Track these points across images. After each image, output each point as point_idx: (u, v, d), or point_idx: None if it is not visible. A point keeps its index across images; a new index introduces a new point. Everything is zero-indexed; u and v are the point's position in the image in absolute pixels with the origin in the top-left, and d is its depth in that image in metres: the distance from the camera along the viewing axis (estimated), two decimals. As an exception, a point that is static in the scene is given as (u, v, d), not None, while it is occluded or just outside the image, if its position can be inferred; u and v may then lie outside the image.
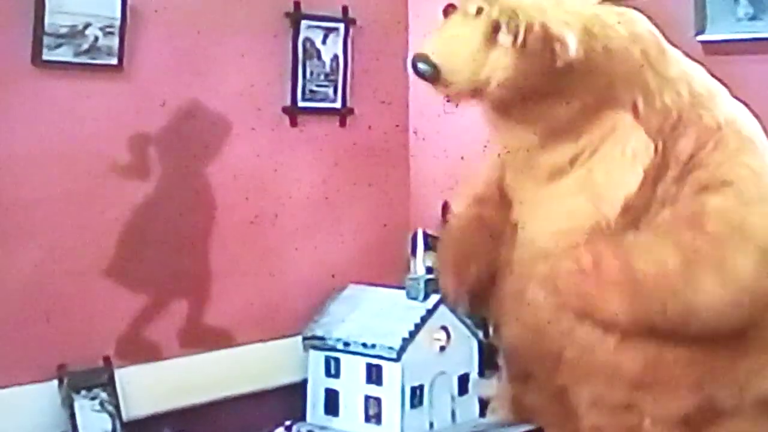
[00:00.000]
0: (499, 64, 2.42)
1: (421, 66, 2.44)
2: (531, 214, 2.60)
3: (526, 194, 2.61)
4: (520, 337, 2.64)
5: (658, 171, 2.50)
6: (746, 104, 2.68)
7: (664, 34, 2.65)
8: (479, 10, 2.46)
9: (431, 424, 2.65)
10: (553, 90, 2.46)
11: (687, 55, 2.67)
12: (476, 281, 2.69)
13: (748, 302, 2.42)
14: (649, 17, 2.62)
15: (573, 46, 2.39)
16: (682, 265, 2.44)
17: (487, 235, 2.72)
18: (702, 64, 2.68)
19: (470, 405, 2.73)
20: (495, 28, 2.41)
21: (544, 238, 2.55)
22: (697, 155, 2.51)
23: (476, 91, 2.47)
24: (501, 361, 2.82)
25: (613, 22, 2.50)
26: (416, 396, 2.61)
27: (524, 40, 2.37)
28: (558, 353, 2.56)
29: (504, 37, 2.40)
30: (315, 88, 2.91)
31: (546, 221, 2.56)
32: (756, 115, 2.67)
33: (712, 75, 2.68)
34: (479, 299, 2.76)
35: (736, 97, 2.68)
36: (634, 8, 2.62)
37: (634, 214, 2.50)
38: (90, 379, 2.47)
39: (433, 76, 2.44)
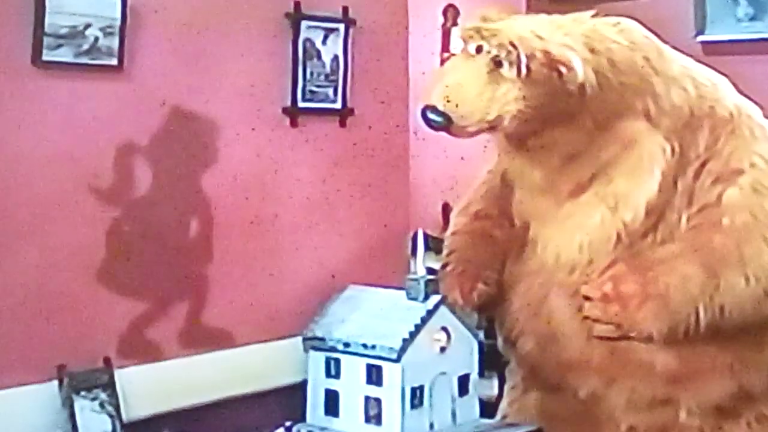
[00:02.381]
0: (509, 98, 2.41)
1: (432, 117, 2.43)
2: (553, 230, 2.59)
3: (545, 212, 2.61)
4: (544, 348, 2.64)
5: (678, 169, 2.52)
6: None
7: (664, 35, 2.65)
8: (479, 48, 2.44)
9: (431, 425, 2.64)
10: (566, 113, 2.46)
11: (686, 55, 2.67)
12: (484, 299, 2.69)
13: None
14: (649, 18, 2.62)
15: (579, 67, 2.39)
16: (706, 270, 2.46)
17: (491, 253, 2.72)
18: (702, 64, 2.69)
19: (471, 405, 2.73)
20: (497, 64, 2.40)
21: (569, 251, 2.56)
22: (712, 147, 2.52)
23: (492, 128, 2.47)
24: (512, 372, 2.82)
25: (611, 34, 2.50)
26: (416, 397, 2.61)
27: (528, 69, 2.36)
28: (586, 360, 2.57)
29: (508, 71, 2.38)
30: (315, 89, 2.91)
31: (570, 235, 2.56)
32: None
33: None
34: (487, 312, 2.77)
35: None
36: (632, 15, 2.63)
37: (658, 214, 2.51)
38: (90, 379, 2.46)
39: (446, 125, 2.43)
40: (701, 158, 2.54)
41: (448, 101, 2.43)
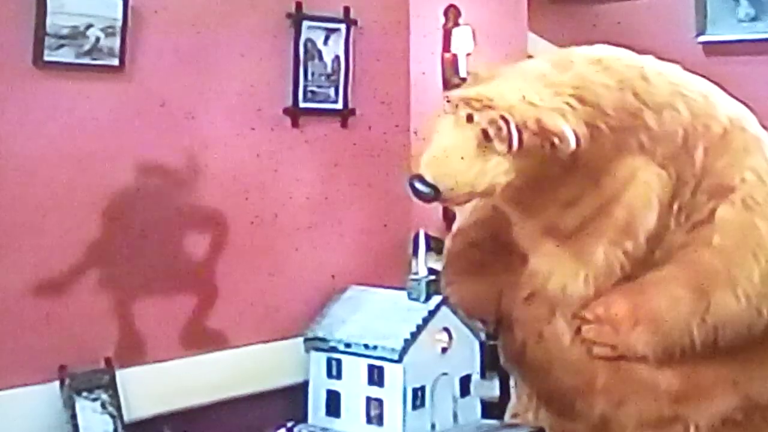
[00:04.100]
0: (499, 171, 2.38)
1: (420, 188, 2.39)
2: (555, 263, 2.58)
3: (545, 249, 2.60)
4: (547, 374, 2.65)
5: (675, 191, 2.51)
6: (746, 104, 2.69)
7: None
8: (470, 117, 2.39)
9: (433, 426, 2.64)
10: (558, 176, 2.43)
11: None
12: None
13: (766, 309, 2.45)
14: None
15: (572, 138, 2.35)
16: (696, 292, 2.46)
17: (486, 292, 2.73)
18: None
19: (472, 406, 2.73)
20: (487, 137, 2.36)
21: (574, 285, 2.55)
22: (707, 165, 2.52)
23: (477, 196, 2.45)
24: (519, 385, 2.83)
25: (598, 77, 2.46)
26: (418, 397, 2.61)
27: (520, 142, 2.32)
28: (591, 383, 2.58)
29: (499, 146, 2.34)
30: (316, 89, 2.91)
31: (573, 269, 2.55)
32: (756, 116, 2.68)
33: (713, 76, 2.68)
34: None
35: (736, 98, 2.69)
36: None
37: (656, 238, 2.51)
38: (91, 380, 2.46)
39: (434, 196, 2.39)
40: (697, 177, 2.53)
41: (436, 171, 2.39)
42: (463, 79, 3.89)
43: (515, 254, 2.67)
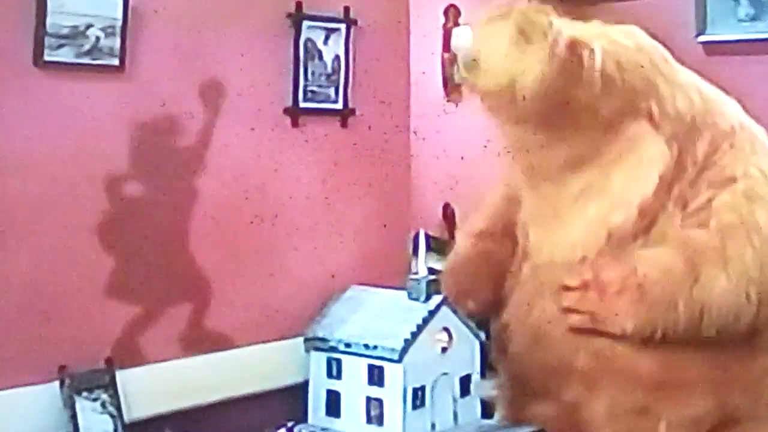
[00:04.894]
0: (533, 60, 2.42)
1: (463, 60, 2.43)
2: (549, 231, 2.60)
3: (545, 217, 2.61)
4: (530, 351, 2.65)
5: (675, 175, 2.52)
6: (746, 104, 2.69)
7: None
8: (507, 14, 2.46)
9: (433, 426, 2.64)
10: (577, 107, 2.46)
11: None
12: (471, 315, 2.71)
13: (755, 295, 2.43)
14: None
15: (599, 56, 2.40)
16: (687, 264, 2.44)
17: (489, 270, 2.74)
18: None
19: (472, 406, 2.73)
20: (523, 34, 2.43)
21: (561, 251, 2.56)
22: (711, 156, 2.52)
23: (509, 91, 2.46)
24: (499, 391, 2.83)
25: (619, 37, 2.52)
26: (418, 397, 2.60)
27: (555, 41, 2.38)
28: (569, 364, 2.57)
29: (538, 36, 2.39)
30: (316, 89, 2.91)
31: (563, 235, 2.57)
32: (756, 117, 2.68)
33: (713, 76, 2.69)
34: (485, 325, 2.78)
35: (736, 98, 2.69)
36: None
37: (650, 218, 2.51)
38: (91, 380, 2.46)
39: (471, 65, 2.44)
40: (698, 167, 2.54)
41: (479, 46, 2.46)
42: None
43: (522, 246, 2.70)
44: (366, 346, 2.63)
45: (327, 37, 2.92)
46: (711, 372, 2.49)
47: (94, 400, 2.45)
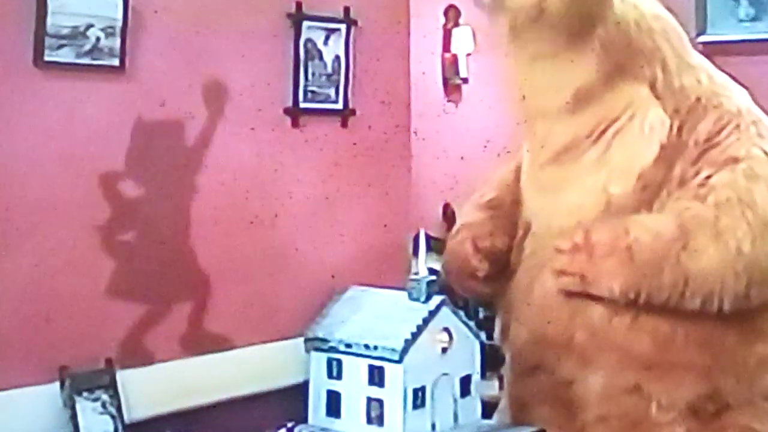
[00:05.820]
0: None
1: None
2: (545, 198, 2.61)
3: (539, 178, 2.62)
4: (529, 327, 2.65)
5: (675, 151, 2.52)
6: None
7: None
8: None
9: (433, 426, 2.64)
10: (591, 41, 2.49)
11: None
12: (495, 252, 2.70)
13: (745, 273, 2.41)
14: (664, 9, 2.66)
15: None
16: (679, 230, 2.44)
17: (503, 226, 2.74)
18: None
19: (472, 406, 2.72)
20: None
21: (559, 217, 2.56)
22: (715, 138, 2.53)
23: (537, 7, 2.46)
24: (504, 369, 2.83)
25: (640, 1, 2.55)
26: (418, 398, 2.60)
27: None
28: (568, 338, 2.57)
29: None
30: (316, 89, 2.91)
31: (562, 202, 2.57)
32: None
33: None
34: (491, 283, 2.76)
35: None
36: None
37: (651, 191, 2.51)
38: (92, 380, 2.46)
39: None
40: (701, 146, 2.54)
41: None
42: (464, 80, 3.92)
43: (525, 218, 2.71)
44: (366, 347, 2.63)
45: (327, 37, 2.92)
46: (705, 356, 2.49)
47: (95, 400, 2.45)
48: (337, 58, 2.94)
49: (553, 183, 2.61)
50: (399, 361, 2.57)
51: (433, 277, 2.70)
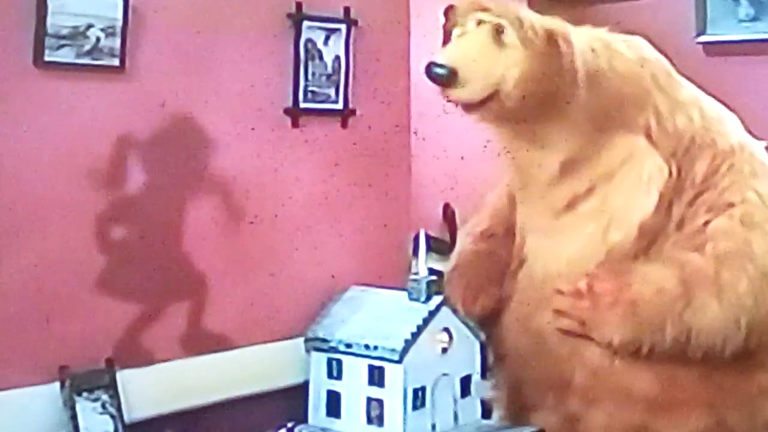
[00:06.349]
0: (511, 61, 2.44)
1: (437, 70, 2.45)
2: (544, 243, 2.60)
3: (540, 225, 2.62)
4: (527, 365, 2.64)
5: (674, 194, 2.51)
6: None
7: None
8: (479, 22, 2.47)
9: (433, 426, 2.64)
10: (565, 107, 2.46)
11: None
12: (486, 311, 2.70)
13: (746, 324, 2.43)
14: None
15: (578, 46, 2.39)
16: (681, 286, 2.44)
17: (494, 269, 2.74)
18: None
19: (472, 407, 2.73)
20: (499, 32, 2.44)
21: (558, 264, 2.56)
22: (710, 178, 2.52)
23: (492, 97, 2.46)
24: (496, 394, 2.82)
25: (620, 46, 2.51)
26: (418, 398, 2.60)
27: (529, 37, 2.38)
28: (568, 379, 2.57)
29: (510, 36, 2.40)
30: (316, 89, 2.91)
31: (561, 249, 2.57)
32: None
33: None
34: (487, 328, 2.76)
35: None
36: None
37: (650, 238, 2.51)
38: (92, 380, 2.46)
39: (450, 78, 2.44)
40: (697, 188, 2.53)
41: (454, 57, 2.47)
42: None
43: (520, 244, 2.71)
44: (366, 347, 2.63)
45: (327, 38, 2.92)
46: (708, 390, 2.49)
47: (95, 400, 2.45)
48: (337, 58, 2.94)
49: (552, 230, 2.60)
50: (399, 361, 2.57)
51: (434, 277, 2.70)
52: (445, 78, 2.46)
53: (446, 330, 2.67)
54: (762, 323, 2.45)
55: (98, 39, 2.46)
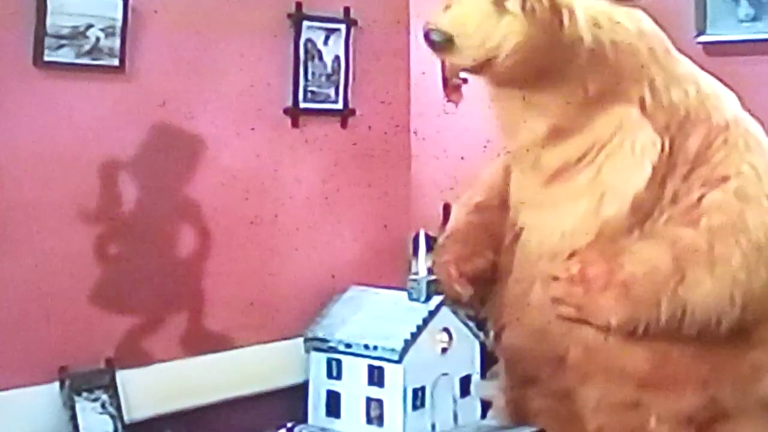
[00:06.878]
0: (510, 30, 2.40)
1: (433, 36, 2.43)
2: (537, 216, 2.60)
3: (532, 197, 2.61)
4: (523, 339, 2.65)
5: (667, 169, 2.51)
6: (747, 105, 2.69)
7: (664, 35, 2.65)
8: None
9: (433, 426, 2.64)
10: (561, 75, 2.46)
11: (687, 56, 2.68)
12: (476, 274, 2.69)
13: (740, 298, 2.42)
14: (649, 18, 2.63)
15: (581, 19, 2.39)
16: (674, 262, 2.44)
17: (488, 238, 2.73)
18: (702, 65, 2.69)
19: (472, 407, 2.73)
20: (498, 3, 2.41)
21: (552, 239, 2.56)
22: (704, 153, 2.52)
23: (487, 63, 2.45)
24: (498, 369, 2.82)
25: (621, 18, 2.51)
26: (418, 398, 2.60)
27: (533, 6, 2.36)
28: (562, 354, 2.57)
29: (513, 3, 2.38)
30: (316, 89, 2.91)
31: (554, 222, 2.57)
32: (756, 117, 2.68)
33: (713, 76, 2.68)
34: (479, 297, 2.76)
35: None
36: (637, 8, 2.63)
37: (644, 212, 2.51)
38: (91, 380, 2.46)
39: (445, 45, 2.42)
40: (691, 163, 2.52)
41: (451, 22, 2.44)
42: (464, 80, 3.91)
43: (513, 218, 2.70)
44: (366, 347, 2.63)
45: (327, 38, 2.92)
46: (701, 368, 2.49)
47: (94, 400, 2.45)
48: (337, 58, 2.94)
49: (545, 202, 2.59)
50: (399, 361, 2.57)
51: (433, 277, 2.70)
52: (440, 43, 2.44)
53: (446, 330, 2.67)
54: (756, 298, 2.44)
55: (98, 39, 2.46)
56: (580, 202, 2.54)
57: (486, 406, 2.79)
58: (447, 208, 3.68)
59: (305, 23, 2.87)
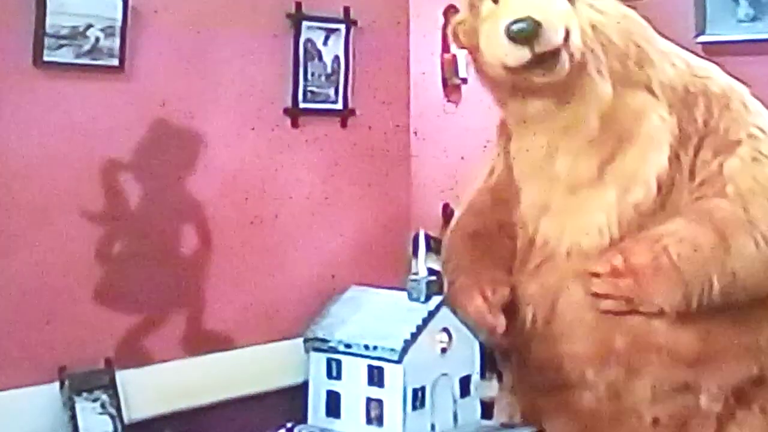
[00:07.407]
0: (583, 15, 2.48)
1: (523, 25, 2.39)
2: (565, 219, 2.59)
3: (556, 204, 2.60)
4: (557, 347, 2.62)
5: (679, 145, 2.53)
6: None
7: (664, 36, 2.66)
8: None
9: (433, 426, 2.64)
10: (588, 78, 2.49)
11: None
12: (505, 302, 2.67)
13: None
14: (649, 18, 2.64)
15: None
16: (716, 234, 2.45)
17: (498, 263, 2.72)
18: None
19: (472, 407, 2.73)
20: None
21: (588, 237, 2.55)
22: (709, 122, 2.54)
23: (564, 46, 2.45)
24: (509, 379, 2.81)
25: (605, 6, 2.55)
26: (418, 398, 2.60)
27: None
28: (607, 351, 2.55)
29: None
30: (316, 89, 2.91)
31: (587, 221, 2.56)
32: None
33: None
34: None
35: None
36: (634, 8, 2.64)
37: (666, 191, 2.52)
38: (91, 381, 2.46)
39: (535, 32, 2.40)
40: (699, 134, 2.55)
41: (536, 10, 2.43)
42: (464, 80, 3.91)
43: (522, 237, 2.69)
44: (366, 347, 2.63)
45: (327, 38, 2.92)
46: (744, 337, 2.51)
47: (94, 400, 2.45)
48: (337, 58, 2.94)
49: (571, 205, 2.59)
50: (399, 362, 2.57)
51: (433, 277, 2.70)
52: (529, 32, 2.40)
53: (446, 330, 2.67)
54: None
55: (98, 39, 2.46)
56: (608, 194, 2.54)
57: (486, 406, 2.79)
58: (446, 208, 3.68)
59: (305, 23, 2.87)
